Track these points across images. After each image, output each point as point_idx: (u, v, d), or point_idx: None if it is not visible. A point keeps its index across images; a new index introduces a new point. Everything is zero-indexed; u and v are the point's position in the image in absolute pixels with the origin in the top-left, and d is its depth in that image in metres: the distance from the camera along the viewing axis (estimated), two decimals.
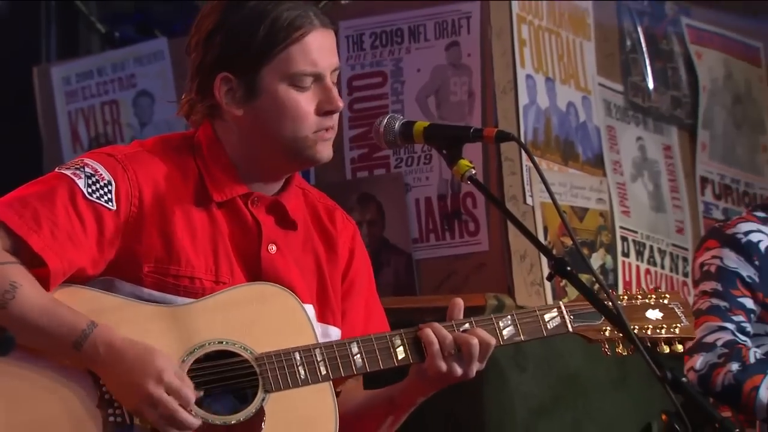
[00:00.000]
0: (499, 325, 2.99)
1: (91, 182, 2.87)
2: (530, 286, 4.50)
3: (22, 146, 5.43)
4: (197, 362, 2.84)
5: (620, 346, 3.06)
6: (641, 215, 5.02)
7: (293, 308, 2.94)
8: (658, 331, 3.11)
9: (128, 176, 2.90)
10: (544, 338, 3.05)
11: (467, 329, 2.96)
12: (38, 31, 5.81)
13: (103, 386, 2.80)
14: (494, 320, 2.99)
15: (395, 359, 2.93)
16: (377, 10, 4.71)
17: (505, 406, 4.40)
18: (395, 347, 2.93)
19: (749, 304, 4.01)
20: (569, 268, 2.79)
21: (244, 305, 2.90)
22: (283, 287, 2.94)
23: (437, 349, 2.92)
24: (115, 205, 2.87)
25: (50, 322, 2.77)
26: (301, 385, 2.86)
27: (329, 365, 2.88)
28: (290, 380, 2.86)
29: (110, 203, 2.87)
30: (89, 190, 2.86)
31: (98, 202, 2.86)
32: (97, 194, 2.87)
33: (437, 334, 2.93)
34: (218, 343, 2.86)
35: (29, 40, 5.79)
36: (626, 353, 3.06)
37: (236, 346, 2.86)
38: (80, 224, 2.84)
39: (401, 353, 2.93)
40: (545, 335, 3.03)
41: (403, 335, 2.94)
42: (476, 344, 2.93)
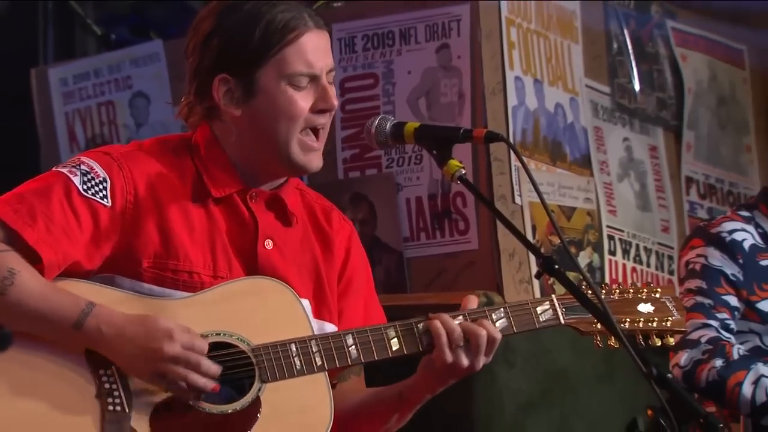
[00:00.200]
0: (492, 317, 2.99)
1: (86, 179, 2.89)
2: (519, 283, 4.50)
3: (19, 146, 5.43)
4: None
5: (611, 338, 3.06)
6: (627, 214, 5.02)
7: (290, 301, 2.94)
8: (649, 324, 3.11)
9: (123, 173, 2.91)
10: (536, 330, 3.04)
11: (478, 321, 2.96)
12: (35, 33, 5.80)
13: (102, 377, 2.80)
14: (487, 313, 2.99)
15: (389, 350, 2.93)
16: (369, 13, 4.71)
17: (493, 401, 4.41)
18: (389, 339, 2.93)
19: (733, 301, 4.02)
20: (557, 266, 2.79)
21: (241, 298, 2.91)
22: (279, 281, 2.95)
23: (445, 340, 2.92)
24: (110, 201, 2.89)
25: (49, 305, 2.78)
26: (296, 375, 2.87)
27: (324, 356, 2.89)
28: (286, 371, 2.86)
29: (105, 199, 2.88)
30: (84, 186, 2.88)
31: (93, 198, 2.88)
32: (92, 191, 2.88)
33: (445, 325, 2.93)
34: (216, 334, 2.86)
35: (27, 42, 5.78)
36: (617, 345, 3.06)
37: (233, 337, 2.87)
38: (75, 219, 2.85)
39: (395, 344, 2.94)
40: (537, 327, 3.03)
41: (397, 327, 2.94)
42: (484, 335, 2.93)
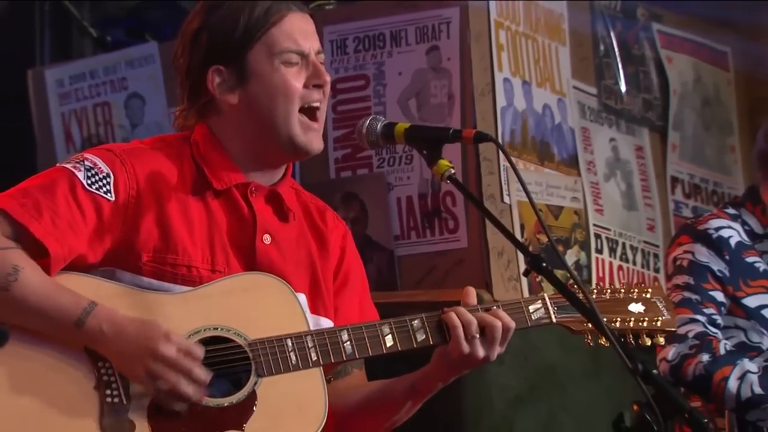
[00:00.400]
0: (484, 315, 2.98)
1: (90, 174, 2.89)
2: (507, 281, 4.50)
3: (16, 146, 5.42)
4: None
5: (602, 337, 3.06)
6: (614, 213, 5.02)
7: (286, 297, 2.94)
8: (640, 323, 3.11)
9: (126, 169, 2.92)
10: (528, 329, 3.03)
11: (491, 310, 2.97)
12: (32, 34, 5.79)
13: (101, 368, 2.80)
14: (480, 311, 2.98)
15: (384, 347, 2.93)
16: (360, 15, 4.70)
17: (483, 397, 4.40)
18: (384, 335, 2.93)
19: (720, 297, 4.02)
20: (545, 264, 2.79)
21: (239, 293, 2.91)
22: (277, 277, 2.95)
23: (461, 332, 2.92)
24: (113, 196, 2.89)
25: (52, 303, 2.78)
26: (292, 370, 2.87)
27: (320, 351, 2.89)
28: (282, 365, 2.86)
29: (109, 194, 2.89)
30: (89, 181, 2.89)
31: (97, 193, 2.88)
32: (96, 185, 2.89)
33: (461, 317, 2.94)
34: (213, 329, 2.86)
35: (24, 43, 5.77)
36: (608, 345, 3.05)
37: (230, 332, 2.87)
38: (80, 213, 2.86)
39: (390, 341, 2.94)
40: (529, 325, 3.03)
41: (392, 324, 2.94)
42: (499, 326, 2.94)
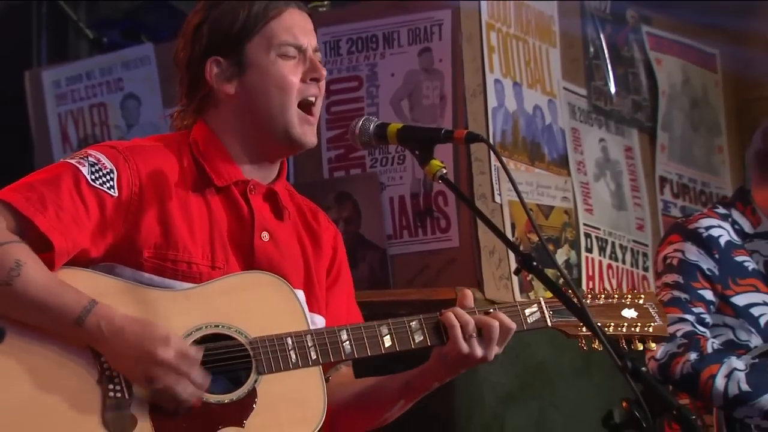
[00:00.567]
0: (481, 315, 2.98)
1: (94, 170, 2.89)
2: (498, 280, 4.50)
3: (13, 147, 5.41)
4: (193, 344, 2.83)
5: (596, 341, 3.05)
6: (604, 213, 5.03)
7: (287, 296, 2.94)
8: (632, 329, 3.11)
9: (129, 166, 2.92)
10: (524, 331, 3.03)
11: (489, 312, 2.97)
12: (29, 36, 5.78)
13: (103, 363, 2.79)
14: (477, 313, 2.98)
15: (382, 347, 2.94)
16: (353, 17, 4.70)
17: (474, 394, 4.40)
18: (382, 336, 2.94)
19: (709, 296, 4.02)
20: (535, 263, 2.79)
21: (240, 292, 2.91)
22: (277, 276, 2.96)
23: (459, 332, 2.93)
24: (116, 191, 2.89)
25: (53, 299, 2.76)
26: (292, 368, 2.87)
27: (319, 350, 2.89)
28: (282, 363, 2.86)
29: (112, 190, 2.89)
30: (93, 177, 2.88)
31: (101, 188, 2.88)
32: (100, 181, 2.89)
33: (459, 317, 2.94)
34: (214, 326, 2.86)
35: (21, 45, 5.77)
36: (601, 349, 3.05)
37: (231, 330, 2.87)
38: (84, 208, 2.85)
39: (388, 341, 2.94)
40: (525, 329, 3.03)
41: (390, 324, 2.95)
42: (497, 326, 2.95)
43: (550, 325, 3.05)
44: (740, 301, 4.03)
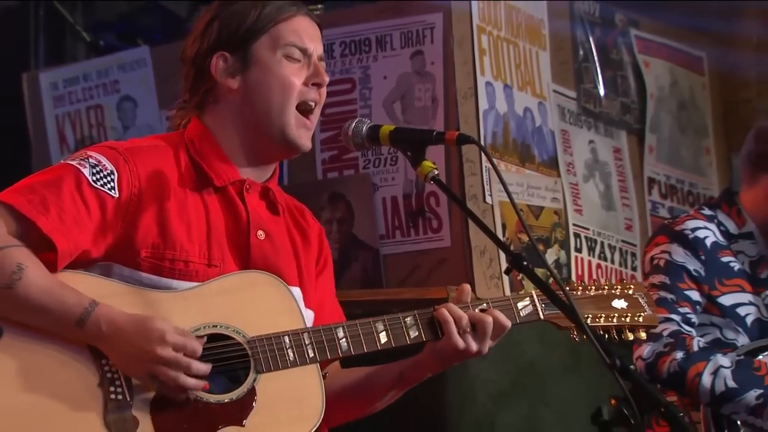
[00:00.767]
0: (475, 311, 2.98)
1: (95, 171, 2.89)
2: (489, 279, 4.50)
3: (11, 148, 5.41)
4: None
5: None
6: (593, 213, 5.03)
7: (283, 295, 2.94)
8: (623, 319, 3.10)
9: (129, 167, 2.92)
10: (517, 325, 3.02)
11: (485, 310, 2.98)
12: (27, 39, 5.78)
13: (105, 365, 2.79)
14: (471, 308, 2.99)
15: (378, 343, 2.94)
16: (347, 20, 4.70)
17: (466, 391, 4.40)
18: (378, 332, 2.94)
19: (695, 296, 4.03)
20: (526, 262, 2.80)
21: (237, 292, 2.90)
22: (274, 275, 2.96)
23: (453, 327, 2.93)
24: (117, 192, 2.89)
25: (54, 301, 2.76)
26: (290, 366, 2.86)
27: (316, 348, 2.89)
28: (280, 362, 2.86)
29: (113, 191, 2.89)
30: (94, 178, 2.88)
31: (102, 189, 2.88)
32: (101, 182, 2.88)
33: (452, 313, 2.95)
34: (212, 327, 2.85)
35: (19, 48, 5.76)
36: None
37: (229, 329, 2.86)
38: (85, 209, 2.85)
39: (384, 337, 2.94)
40: (518, 322, 3.03)
41: (385, 321, 2.95)
42: (490, 322, 2.95)
43: (542, 317, 3.04)
44: (726, 301, 4.04)
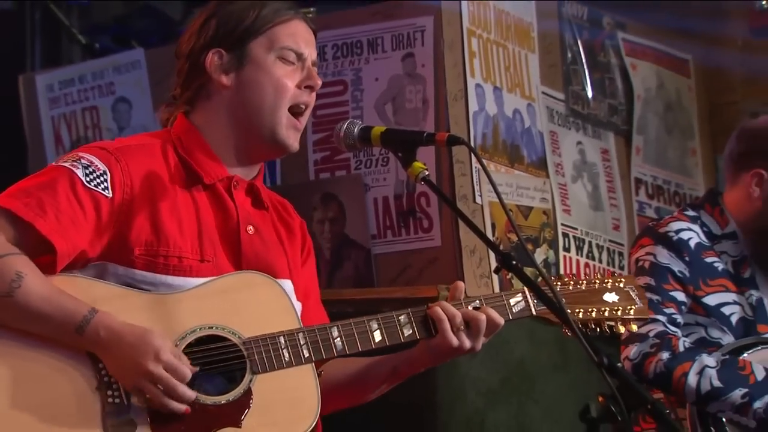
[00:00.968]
0: (468, 308, 2.98)
1: (88, 172, 2.88)
2: (479, 278, 4.50)
3: (7, 149, 5.40)
4: (189, 346, 2.83)
5: (579, 325, 3.04)
6: (581, 213, 5.03)
7: (278, 295, 2.94)
8: (614, 312, 3.11)
9: (121, 166, 2.92)
10: (510, 321, 3.02)
11: (479, 308, 2.98)
12: (23, 42, 5.77)
13: (102, 369, 2.78)
14: (463, 305, 2.99)
15: (372, 342, 2.94)
16: (338, 23, 4.70)
17: (456, 389, 4.40)
18: (372, 331, 2.94)
19: (680, 297, 4.03)
20: (515, 261, 2.80)
21: (232, 293, 2.90)
22: (268, 276, 2.95)
23: (447, 325, 2.94)
24: (111, 192, 2.89)
25: (54, 308, 2.76)
26: (285, 366, 2.86)
27: (311, 348, 2.88)
28: (275, 362, 2.86)
29: (107, 191, 2.89)
30: (87, 179, 2.87)
31: (96, 189, 2.88)
32: (94, 182, 2.88)
33: (446, 311, 2.95)
34: (208, 328, 2.85)
35: (15, 50, 5.75)
36: (585, 333, 3.05)
37: (225, 330, 2.86)
38: (81, 210, 2.85)
39: (378, 336, 2.94)
40: (511, 318, 3.03)
41: (379, 319, 2.95)
42: (484, 320, 2.95)
43: (534, 313, 3.04)
44: (711, 301, 4.04)
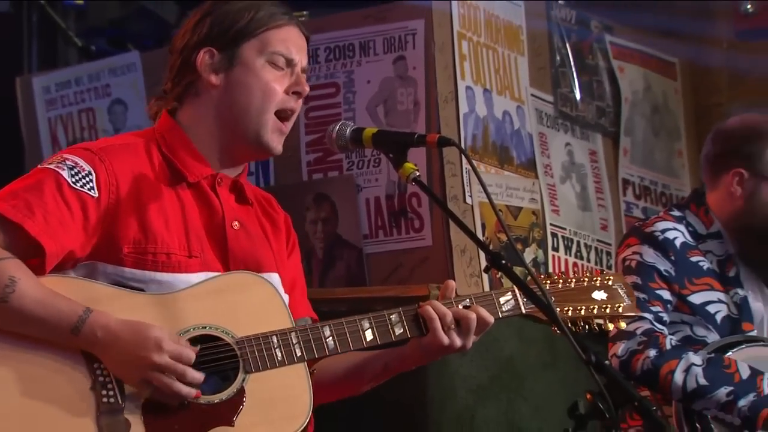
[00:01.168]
0: (458, 307, 2.98)
1: (73, 173, 2.87)
2: (469, 277, 4.50)
3: (5, 150, 5.39)
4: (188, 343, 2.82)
5: (568, 324, 3.04)
6: (569, 214, 5.04)
7: (271, 295, 2.93)
8: (603, 309, 3.10)
9: (105, 166, 2.91)
10: (499, 319, 3.01)
11: (468, 306, 2.98)
12: (21, 44, 5.76)
13: (97, 369, 2.77)
14: (454, 303, 2.98)
15: (364, 341, 2.93)
16: (331, 27, 4.70)
17: (446, 387, 4.40)
18: (363, 330, 2.93)
19: (666, 295, 4.03)
20: (504, 261, 2.80)
21: (225, 293, 2.89)
22: (260, 275, 2.95)
23: (438, 324, 2.93)
24: (97, 192, 2.88)
25: (48, 311, 2.75)
26: (278, 366, 2.86)
27: (304, 347, 2.88)
28: (268, 361, 2.85)
29: (93, 191, 2.87)
30: (73, 180, 2.86)
31: (82, 190, 2.86)
32: (80, 183, 2.87)
33: (436, 310, 2.95)
34: (202, 328, 2.84)
35: (12, 52, 5.75)
36: (576, 330, 3.05)
37: (218, 330, 2.85)
38: (68, 211, 2.84)
39: (369, 335, 2.93)
40: (501, 316, 3.02)
41: (371, 318, 2.94)
42: (474, 318, 2.94)
43: (524, 311, 3.03)
44: (696, 299, 4.05)
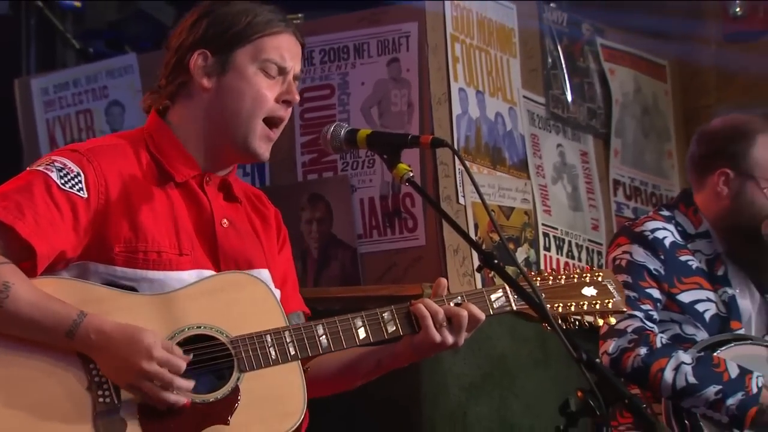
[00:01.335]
0: (450, 305, 2.98)
1: (62, 174, 2.86)
2: (462, 276, 4.50)
3: (3, 151, 5.38)
4: (178, 345, 2.81)
5: (559, 321, 3.04)
6: (561, 214, 5.04)
7: (265, 295, 2.93)
8: (593, 306, 3.10)
9: (93, 167, 2.90)
10: (491, 316, 3.01)
11: (460, 304, 2.97)
12: (19, 46, 5.75)
13: (93, 370, 2.77)
14: (445, 300, 2.98)
15: (357, 339, 2.93)
16: (326, 29, 4.70)
17: (439, 384, 4.41)
18: (356, 328, 2.93)
19: (656, 294, 4.04)
20: (497, 260, 2.80)
21: (219, 293, 2.89)
22: (254, 275, 2.95)
23: (430, 322, 2.93)
24: (86, 193, 2.87)
25: (43, 315, 2.74)
26: (272, 364, 2.85)
27: (297, 346, 2.87)
28: (262, 360, 2.84)
29: (82, 192, 2.86)
30: (62, 181, 2.85)
31: (71, 191, 2.85)
32: (69, 184, 2.86)
33: (428, 308, 2.94)
34: (197, 327, 2.84)
35: (11, 54, 5.74)
36: (565, 326, 3.05)
37: (213, 330, 2.84)
38: (58, 212, 2.83)
39: (362, 333, 2.93)
40: (492, 313, 3.01)
41: (363, 317, 2.94)
42: (465, 315, 2.94)
43: (515, 308, 3.03)
44: (685, 298, 4.05)
